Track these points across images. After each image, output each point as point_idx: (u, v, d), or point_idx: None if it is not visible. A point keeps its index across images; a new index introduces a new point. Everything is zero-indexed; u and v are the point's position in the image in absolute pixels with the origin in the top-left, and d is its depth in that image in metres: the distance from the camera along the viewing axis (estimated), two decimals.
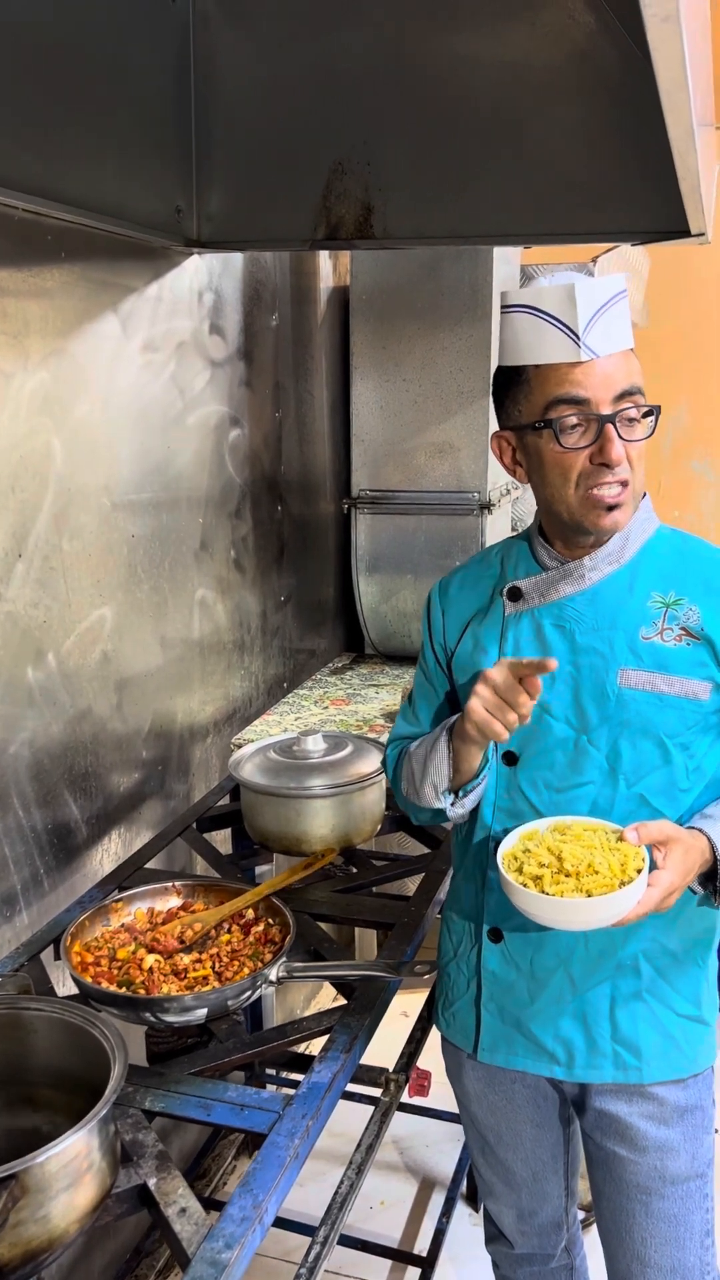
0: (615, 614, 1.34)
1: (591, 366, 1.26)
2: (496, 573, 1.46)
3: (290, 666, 2.91)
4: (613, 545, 1.35)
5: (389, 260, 2.85)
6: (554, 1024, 1.40)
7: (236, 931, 1.60)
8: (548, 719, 1.36)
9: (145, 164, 1.99)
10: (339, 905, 1.77)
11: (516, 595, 1.40)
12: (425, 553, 2.87)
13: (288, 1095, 1.29)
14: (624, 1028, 1.38)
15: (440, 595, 1.53)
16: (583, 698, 1.34)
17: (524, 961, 1.40)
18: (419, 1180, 2.55)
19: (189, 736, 2.33)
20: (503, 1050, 1.45)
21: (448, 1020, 1.54)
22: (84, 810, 1.92)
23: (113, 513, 1.97)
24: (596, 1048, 1.38)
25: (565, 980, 1.38)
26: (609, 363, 1.26)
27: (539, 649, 1.37)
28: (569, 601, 1.36)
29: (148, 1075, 1.33)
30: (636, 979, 1.37)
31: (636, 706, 1.31)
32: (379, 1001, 1.47)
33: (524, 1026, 1.42)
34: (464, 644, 1.45)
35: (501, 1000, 1.44)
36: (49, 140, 1.66)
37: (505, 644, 1.40)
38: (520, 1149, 1.57)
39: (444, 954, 1.55)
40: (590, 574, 1.35)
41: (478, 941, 1.45)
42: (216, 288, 2.38)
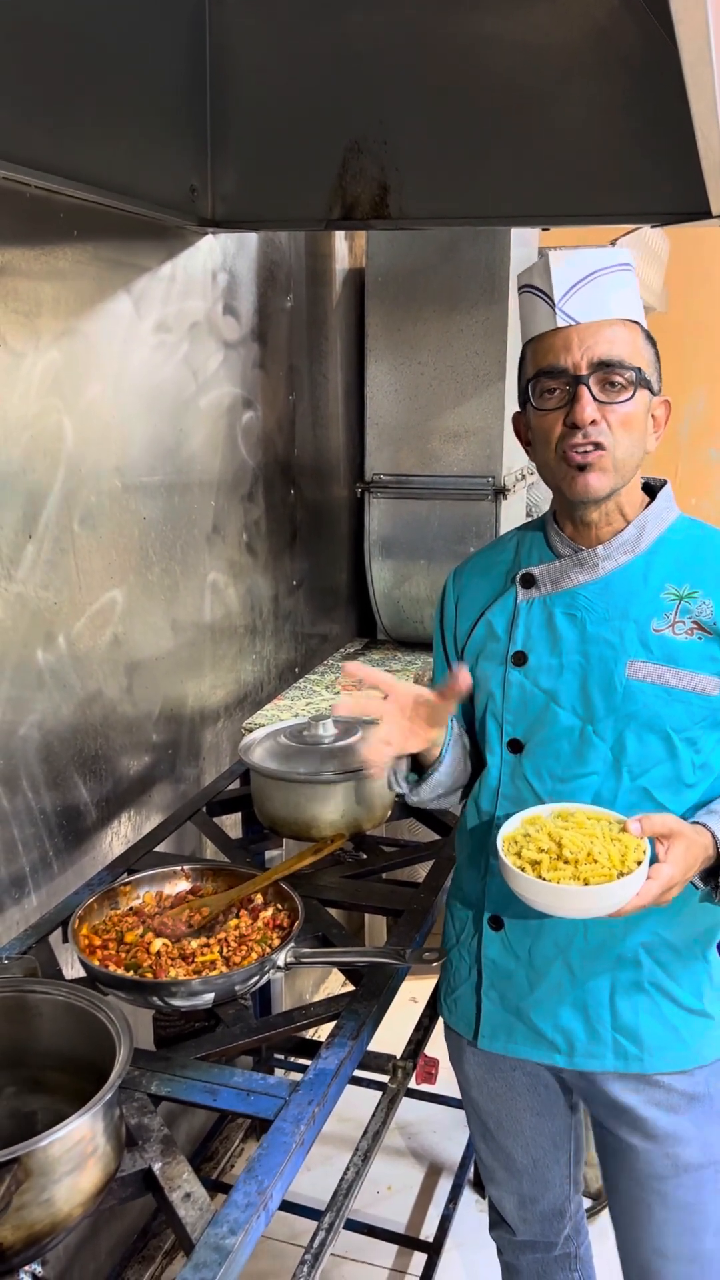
0: (627, 604, 1.32)
1: (569, 333, 1.27)
2: (511, 558, 1.45)
3: (302, 651, 2.89)
4: (628, 534, 1.33)
5: (405, 242, 2.82)
6: (553, 1013, 1.39)
7: (245, 916, 1.59)
8: (554, 708, 1.35)
9: (159, 142, 1.97)
10: (348, 891, 1.76)
11: (530, 582, 1.38)
12: (439, 538, 2.85)
13: (294, 1081, 1.28)
14: (625, 1017, 1.37)
15: (454, 582, 1.53)
16: (590, 688, 1.33)
17: (523, 950, 1.40)
18: (426, 1166, 2.55)
19: (199, 720, 2.32)
20: (502, 1038, 1.45)
21: (449, 1007, 1.53)
22: (93, 793, 1.91)
23: (124, 495, 1.96)
24: (597, 1036, 1.38)
25: (564, 970, 1.37)
26: (589, 330, 1.26)
27: (549, 637, 1.36)
28: (581, 590, 1.35)
29: (154, 1059, 1.33)
30: (637, 971, 1.36)
31: (644, 699, 1.30)
32: (387, 988, 1.47)
33: (524, 1015, 1.41)
34: (477, 632, 1.44)
35: (502, 988, 1.43)
36: (61, 118, 1.64)
37: (517, 630, 1.39)
38: (520, 1135, 1.56)
39: (447, 940, 1.54)
40: (604, 563, 1.34)
41: (479, 929, 1.45)
42: (231, 268, 2.36)
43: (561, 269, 1.27)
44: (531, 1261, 1.66)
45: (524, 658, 1.37)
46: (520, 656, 1.38)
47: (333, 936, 1.61)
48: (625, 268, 1.29)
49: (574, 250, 1.29)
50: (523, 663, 1.37)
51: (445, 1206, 2.26)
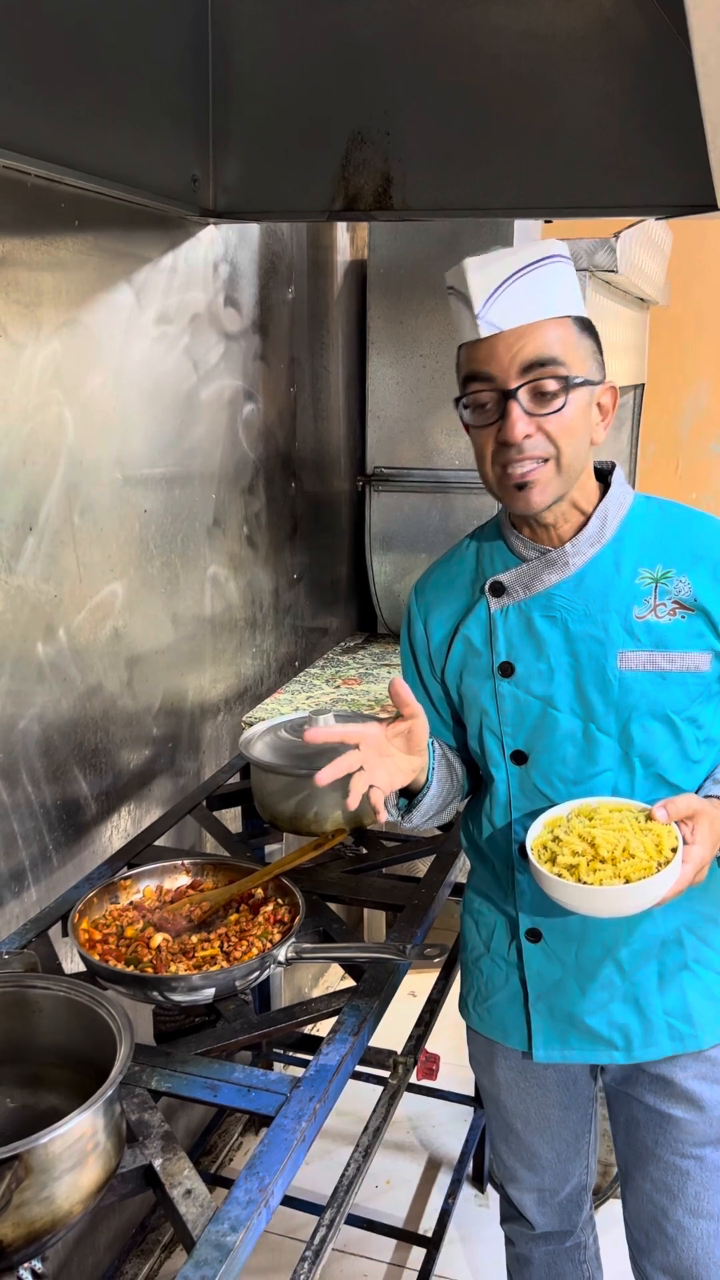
0: (605, 596, 1.31)
1: (494, 341, 1.21)
2: (473, 568, 1.41)
3: (302, 645, 2.89)
4: (591, 526, 1.31)
5: (408, 234, 2.80)
6: (606, 1011, 1.39)
7: (245, 911, 1.59)
8: (552, 713, 1.33)
9: (161, 132, 1.95)
10: (348, 886, 1.76)
11: (499, 590, 1.35)
12: (439, 531, 2.84)
13: (295, 1078, 1.27)
14: (674, 999, 1.37)
15: (418, 601, 1.47)
16: (585, 686, 1.31)
17: (569, 957, 1.39)
18: (425, 1160, 2.55)
19: (199, 714, 2.31)
20: (558, 1046, 1.44)
21: (481, 1014, 1.52)
22: (93, 786, 1.91)
23: (124, 487, 1.95)
24: (650, 1024, 1.38)
25: (613, 968, 1.37)
26: (515, 335, 1.20)
27: (533, 642, 1.34)
28: (556, 590, 1.32)
29: (154, 1055, 1.32)
30: (680, 951, 1.36)
31: (640, 688, 1.29)
32: (388, 984, 1.46)
33: (577, 1021, 1.41)
34: (455, 649, 1.41)
35: (551, 999, 1.42)
36: (62, 106, 1.62)
37: (497, 641, 1.36)
38: (547, 1131, 1.56)
39: (472, 949, 1.52)
40: (574, 559, 1.32)
41: (515, 939, 1.43)
42: (232, 259, 2.35)
43: (479, 275, 1.20)
44: (545, 1253, 1.66)
45: (511, 668, 1.35)
46: (507, 667, 1.35)
47: (333, 932, 1.60)
48: (554, 260, 1.22)
49: (492, 252, 1.22)
50: (510, 673, 1.35)
51: (445, 1200, 2.25)
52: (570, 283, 1.25)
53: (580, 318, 1.25)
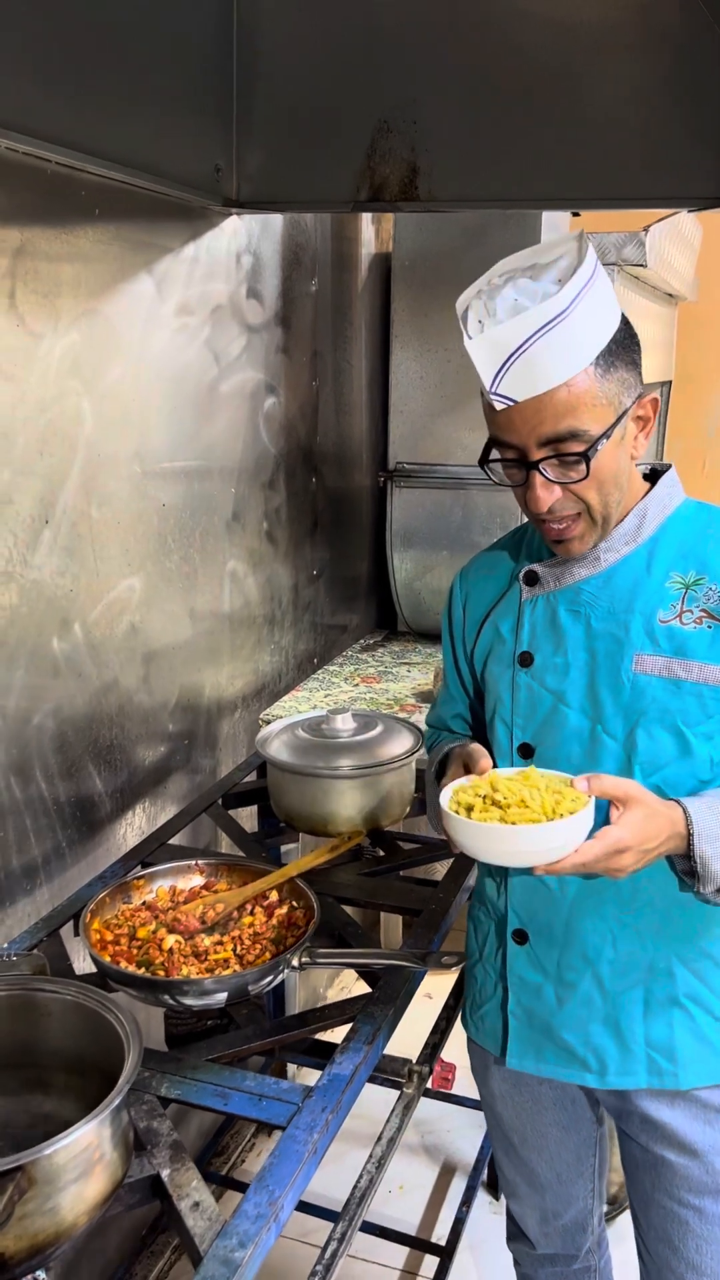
0: (632, 596, 1.27)
1: (509, 414, 1.17)
2: (515, 557, 1.41)
3: (321, 642, 2.86)
4: (627, 524, 1.28)
5: (433, 226, 2.76)
6: (584, 1029, 1.34)
7: (259, 913, 1.56)
8: (563, 709, 1.30)
9: (184, 121, 1.93)
10: (365, 889, 1.73)
11: (533, 579, 1.34)
12: (462, 529, 2.80)
13: (307, 1087, 1.25)
14: (658, 1032, 1.32)
15: (461, 584, 1.48)
16: (598, 685, 1.28)
17: (550, 964, 1.35)
18: (440, 1165, 2.52)
19: (216, 711, 2.29)
20: (531, 1056, 1.40)
21: (476, 1023, 1.49)
22: (108, 783, 1.88)
23: (143, 480, 1.92)
24: (629, 1053, 1.33)
25: (594, 984, 1.33)
26: (531, 409, 1.15)
27: (553, 635, 1.32)
28: (584, 585, 1.30)
29: (164, 1060, 1.30)
30: (670, 983, 1.31)
31: (652, 693, 1.25)
32: (404, 991, 1.43)
33: (553, 1032, 1.37)
34: (484, 634, 1.40)
35: (529, 1005, 1.39)
36: (84, 94, 1.60)
37: (522, 630, 1.34)
38: (545, 1151, 1.52)
39: (470, 955, 1.50)
40: (605, 555, 1.29)
41: (502, 944, 1.40)
42: (255, 250, 2.32)
43: (483, 351, 1.13)
44: (551, 1275, 1.62)
45: (530, 658, 1.33)
46: (526, 657, 1.33)
47: (349, 936, 1.57)
48: (560, 320, 1.11)
49: (493, 324, 1.14)
50: (529, 663, 1.33)
51: (459, 1209, 2.22)
52: (593, 317, 1.14)
53: (604, 350, 1.16)
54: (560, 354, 1.13)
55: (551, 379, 1.13)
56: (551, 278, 1.15)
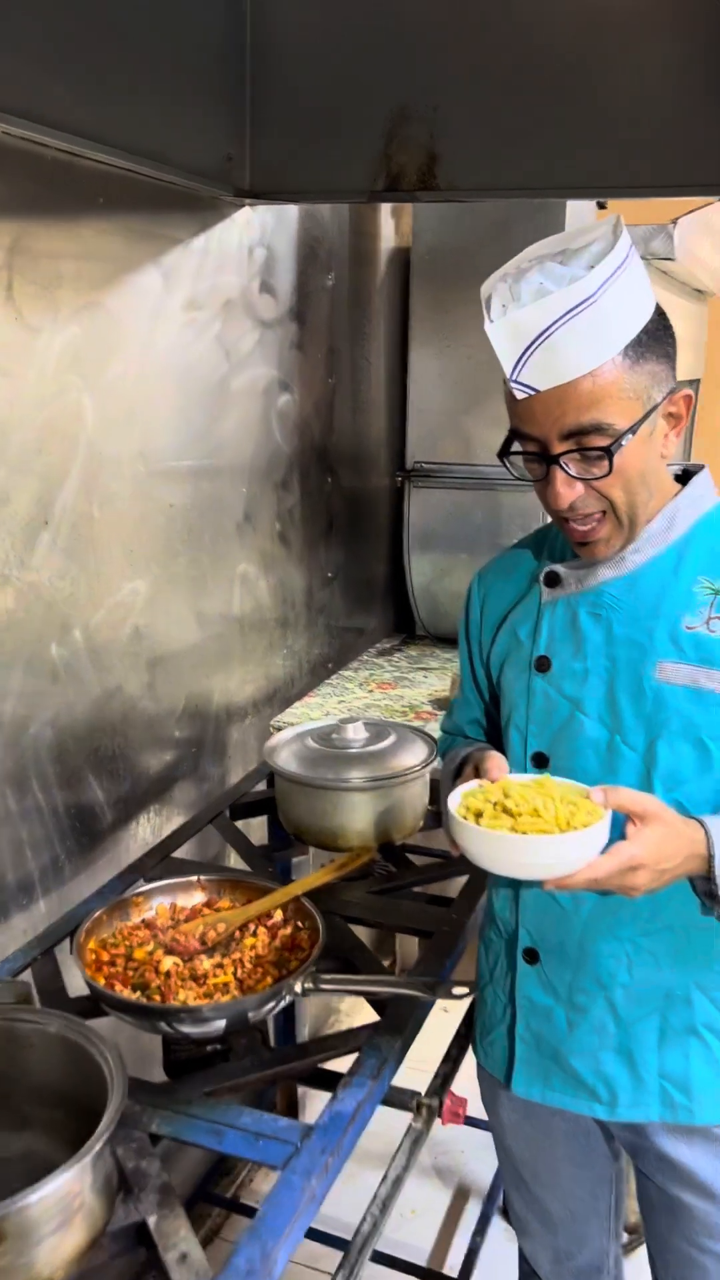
0: (657, 601, 1.20)
1: (530, 404, 1.10)
2: (536, 557, 1.35)
3: (336, 646, 2.78)
4: (656, 525, 1.21)
5: (455, 218, 2.68)
6: (594, 1057, 1.27)
7: (263, 934, 1.49)
8: (579, 717, 1.23)
9: (194, 107, 1.86)
10: (374, 908, 1.65)
11: (554, 580, 1.26)
12: (481, 530, 2.72)
13: (307, 1126, 1.17)
14: (673, 1064, 1.24)
15: (479, 585, 1.42)
16: (618, 694, 1.20)
17: (562, 986, 1.28)
18: (453, 1188, 2.44)
19: (226, 717, 2.22)
20: (539, 1084, 1.33)
21: (485, 1049, 1.41)
22: (109, 793, 1.82)
23: (148, 480, 1.86)
24: (642, 1084, 1.25)
25: (607, 1009, 1.25)
26: (554, 398, 1.09)
27: (573, 639, 1.24)
28: (607, 587, 1.23)
29: (156, 1093, 1.23)
30: (688, 1012, 1.24)
31: (675, 704, 1.17)
32: (412, 1021, 1.35)
33: (562, 1059, 1.29)
34: (501, 638, 1.34)
35: (538, 1029, 1.31)
36: (89, 77, 1.53)
37: (540, 634, 1.27)
38: (558, 1187, 1.45)
39: (481, 977, 1.42)
40: (631, 556, 1.21)
41: (512, 964, 1.33)
42: (269, 243, 2.24)
43: (504, 337, 1.07)
44: None
45: (547, 663, 1.26)
46: (543, 662, 1.26)
47: (356, 959, 1.49)
48: (586, 306, 1.05)
49: (516, 308, 1.08)
50: (546, 668, 1.26)
51: (472, 1238, 2.14)
52: (624, 303, 1.08)
53: (635, 340, 1.09)
54: (586, 341, 1.06)
55: (575, 368, 1.07)
56: (582, 262, 1.09)
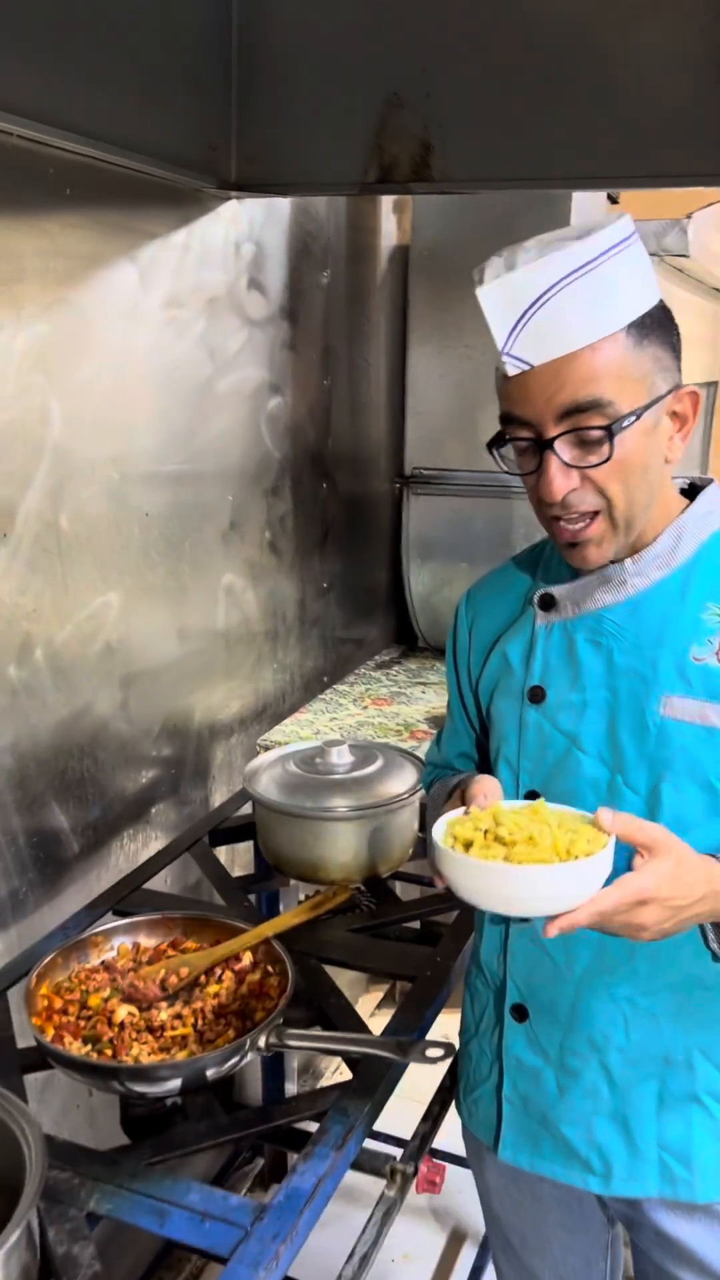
0: (662, 629, 1.08)
1: (524, 380, 1.00)
2: (530, 577, 1.22)
3: (332, 659, 2.67)
4: (660, 545, 1.09)
5: (455, 213, 2.56)
6: (587, 1125, 1.16)
7: (228, 979, 1.38)
8: (577, 754, 1.11)
9: (174, 93, 1.76)
10: (354, 949, 1.54)
11: (549, 603, 1.15)
12: (482, 539, 2.60)
13: (260, 1205, 1.06)
14: (673, 1133, 1.13)
15: (467, 606, 1.30)
16: (619, 729, 1.09)
17: (552, 1046, 1.16)
18: (449, 1231, 2.32)
19: (208, 735, 2.11)
20: (527, 1150, 1.22)
21: (468, 1109, 1.30)
22: (77, 820, 1.72)
23: (122, 487, 1.75)
24: (639, 1155, 1.14)
25: (601, 1073, 1.14)
26: (549, 373, 0.98)
27: (570, 668, 1.13)
28: (607, 613, 1.11)
29: (96, 1163, 1.12)
30: (690, 1077, 1.12)
31: (681, 742, 1.05)
32: (384, 1082, 1.24)
33: (552, 1125, 1.18)
34: (491, 664, 1.22)
35: (526, 1091, 1.20)
36: (53, 59, 1.44)
37: (534, 661, 1.16)
38: (548, 1255, 1.33)
39: (466, 1030, 1.31)
40: (634, 580, 1.10)
41: (500, 1019, 1.22)
42: (258, 239, 2.14)
43: (499, 298, 0.98)
44: None
45: (541, 693, 1.14)
46: (537, 692, 1.15)
47: (330, 1008, 1.38)
48: (588, 268, 0.97)
49: (508, 277, 0.99)
50: (540, 699, 1.14)
51: None
52: (626, 278, 1.00)
53: (638, 321, 1.01)
54: (587, 309, 0.97)
55: (575, 338, 0.97)
56: (582, 233, 0.99)
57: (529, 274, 0.97)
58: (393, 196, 2.76)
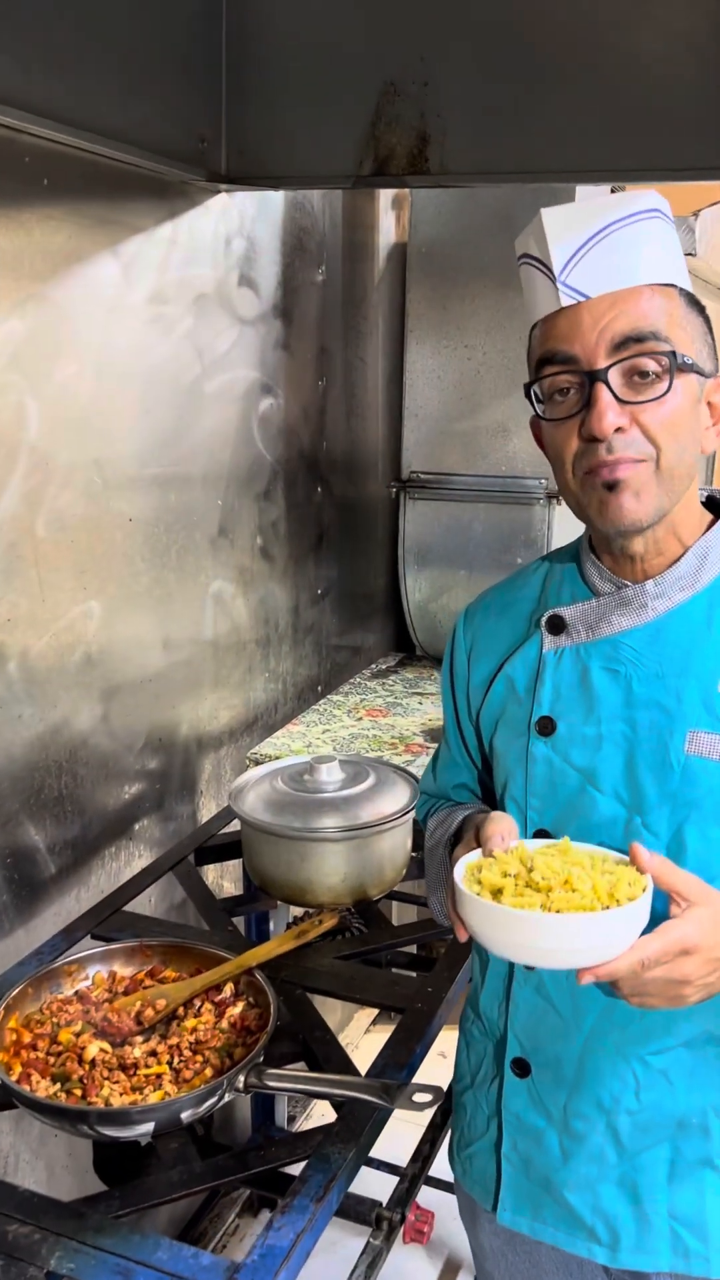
0: (687, 657, 1.00)
1: (577, 312, 0.95)
2: (536, 595, 1.13)
3: (327, 667, 2.60)
4: (685, 564, 1.01)
5: (454, 208, 2.49)
6: (593, 1191, 1.07)
7: (208, 1013, 1.31)
8: (591, 792, 1.03)
9: (162, 82, 1.69)
10: (341, 978, 1.46)
11: (559, 626, 1.06)
12: (482, 546, 2.52)
13: (234, 1264, 0.99)
14: (686, 1202, 1.05)
15: (465, 626, 1.20)
16: (638, 766, 1.01)
17: (556, 1107, 1.08)
18: (442, 1262, 2.24)
19: (196, 748, 2.04)
20: (527, 1214, 1.13)
21: (464, 1164, 1.22)
22: (54, 839, 1.65)
23: (104, 492, 1.68)
24: (649, 1226, 1.06)
25: (609, 1137, 1.06)
26: (604, 304, 0.94)
27: (584, 698, 1.04)
28: (625, 638, 1.02)
29: (63, 1217, 1.05)
30: (705, 1142, 1.04)
31: (709, 782, 0.98)
32: (370, 1126, 1.17)
33: (555, 1189, 1.10)
34: (495, 691, 1.13)
35: (527, 1151, 1.12)
36: (31, 43, 1.37)
37: (542, 689, 1.07)
38: None
39: (461, 1079, 1.23)
40: (655, 602, 1.01)
41: (500, 1071, 1.14)
42: (249, 234, 2.07)
43: (559, 229, 0.95)
44: None
45: (551, 725, 1.05)
46: (547, 724, 1.06)
47: (315, 1043, 1.31)
48: (652, 215, 0.96)
49: (575, 204, 0.98)
50: (550, 731, 1.05)
51: None
52: (673, 247, 0.99)
53: (688, 293, 0.99)
54: (650, 251, 0.95)
55: (638, 275, 0.94)
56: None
57: (599, 205, 0.96)
58: (391, 192, 2.69)
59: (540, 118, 1.73)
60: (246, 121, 1.86)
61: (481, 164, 1.80)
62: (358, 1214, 1.17)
